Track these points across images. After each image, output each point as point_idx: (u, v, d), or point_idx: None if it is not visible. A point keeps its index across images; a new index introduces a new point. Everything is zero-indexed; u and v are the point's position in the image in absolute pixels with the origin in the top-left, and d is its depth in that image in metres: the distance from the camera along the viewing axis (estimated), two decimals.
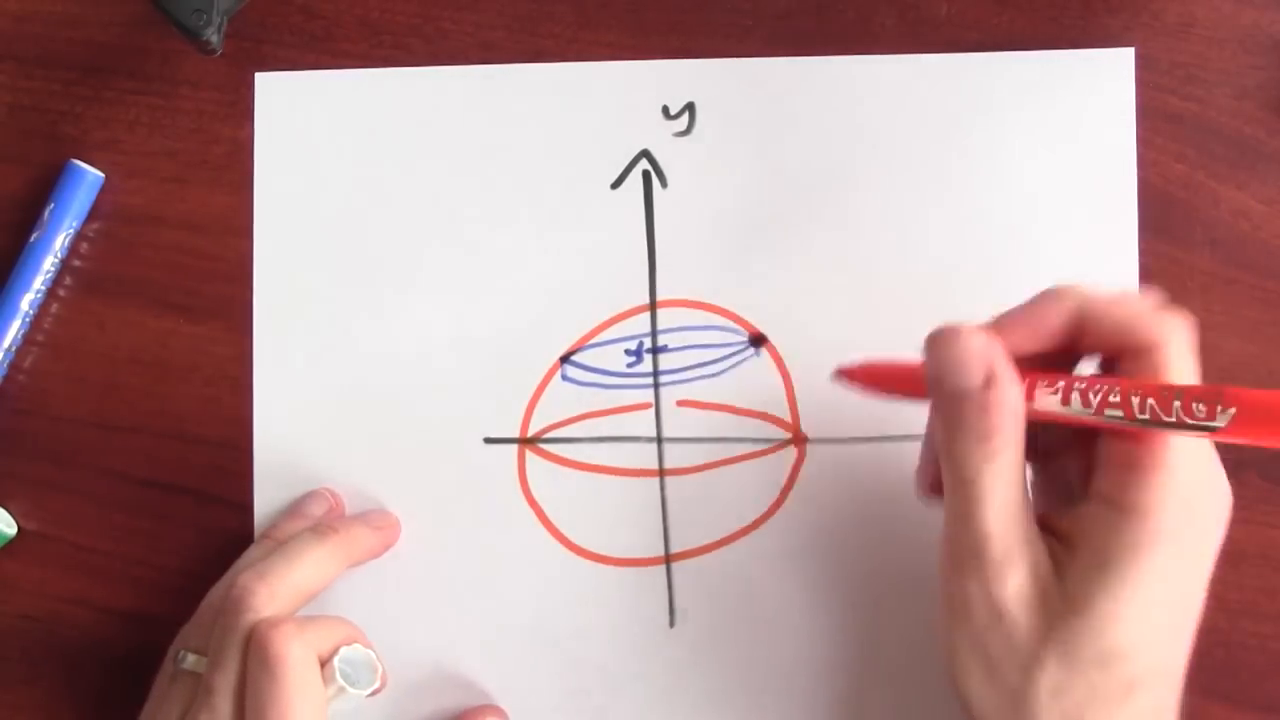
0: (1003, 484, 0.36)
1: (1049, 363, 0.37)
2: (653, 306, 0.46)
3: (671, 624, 0.46)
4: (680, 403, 0.46)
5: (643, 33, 0.46)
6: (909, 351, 0.45)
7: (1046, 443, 0.40)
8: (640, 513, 0.46)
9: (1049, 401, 0.37)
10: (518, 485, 0.46)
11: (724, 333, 0.46)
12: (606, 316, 0.46)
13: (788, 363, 0.46)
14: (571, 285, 0.46)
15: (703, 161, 0.46)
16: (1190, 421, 0.34)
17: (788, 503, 0.45)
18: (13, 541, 0.47)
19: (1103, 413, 0.35)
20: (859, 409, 0.45)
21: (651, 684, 0.45)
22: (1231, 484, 0.44)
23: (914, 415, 0.45)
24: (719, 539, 0.46)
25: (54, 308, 0.47)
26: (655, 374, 0.46)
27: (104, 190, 0.47)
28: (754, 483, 0.46)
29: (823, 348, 0.45)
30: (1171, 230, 0.45)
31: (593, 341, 0.46)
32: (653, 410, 0.46)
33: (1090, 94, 0.45)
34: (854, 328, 0.45)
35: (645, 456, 0.46)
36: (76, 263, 0.47)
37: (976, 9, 0.46)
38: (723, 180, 0.46)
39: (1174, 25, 0.45)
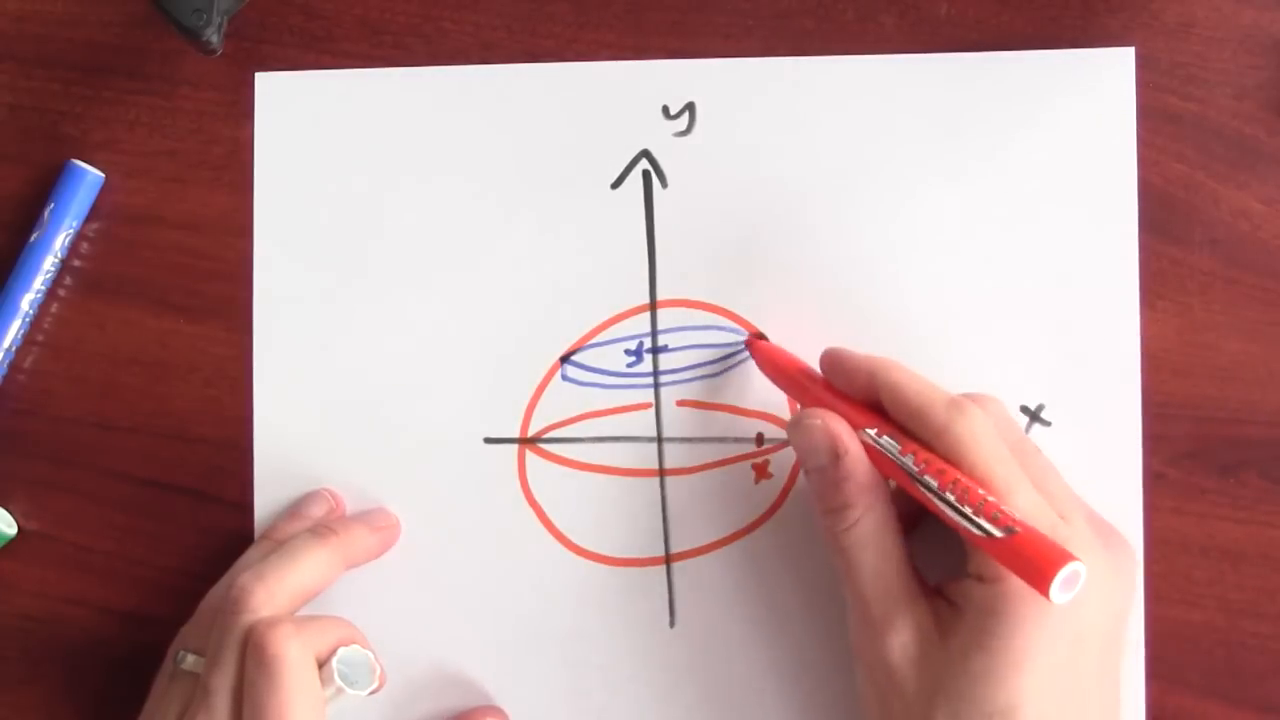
0: (870, 552, 0.39)
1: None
2: (653, 306, 0.46)
3: (671, 624, 0.46)
4: (680, 403, 0.46)
5: (643, 33, 0.46)
6: (907, 349, 0.45)
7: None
8: (640, 513, 0.46)
9: (887, 452, 0.39)
10: (518, 485, 0.46)
11: (724, 333, 0.46)
12: (606, 316, 0.46)
13: None
14: (571, 285, 0.46)
15: (703, 161, 0.46)
16: (983, 535, 0.36)
17: (788, 503, 0.45)
18: (13, 541, 0.47)
19: (923, 478, 0.38)
20: None
21: (651, 684, 0.45)
22: (1231, 484, 0.45)
23: None
24: (719, 539, 0.46)
25: (54, 308, 0.47)
26: (655, 374, 0.46)
27: (104, 190, 0.47)
28: (754, 483, 0.46)
29: (822, 347, 0.45)
30: (1171, 230, 0.45)
31: (593, 341, 0.46)
32: (653, 410, 0.46)
33: (1090, 94, 0.45)
34: (854, 327, 0.45)
35: (645, 456, 0.46)
36: (76, 263, 0.47)
37: (976, 9, 0.46)
38: (723, 180, 0.46)
39: (1174, 25, 0.45)
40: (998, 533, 0.35)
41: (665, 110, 0.46)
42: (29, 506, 0.47)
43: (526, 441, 0.46)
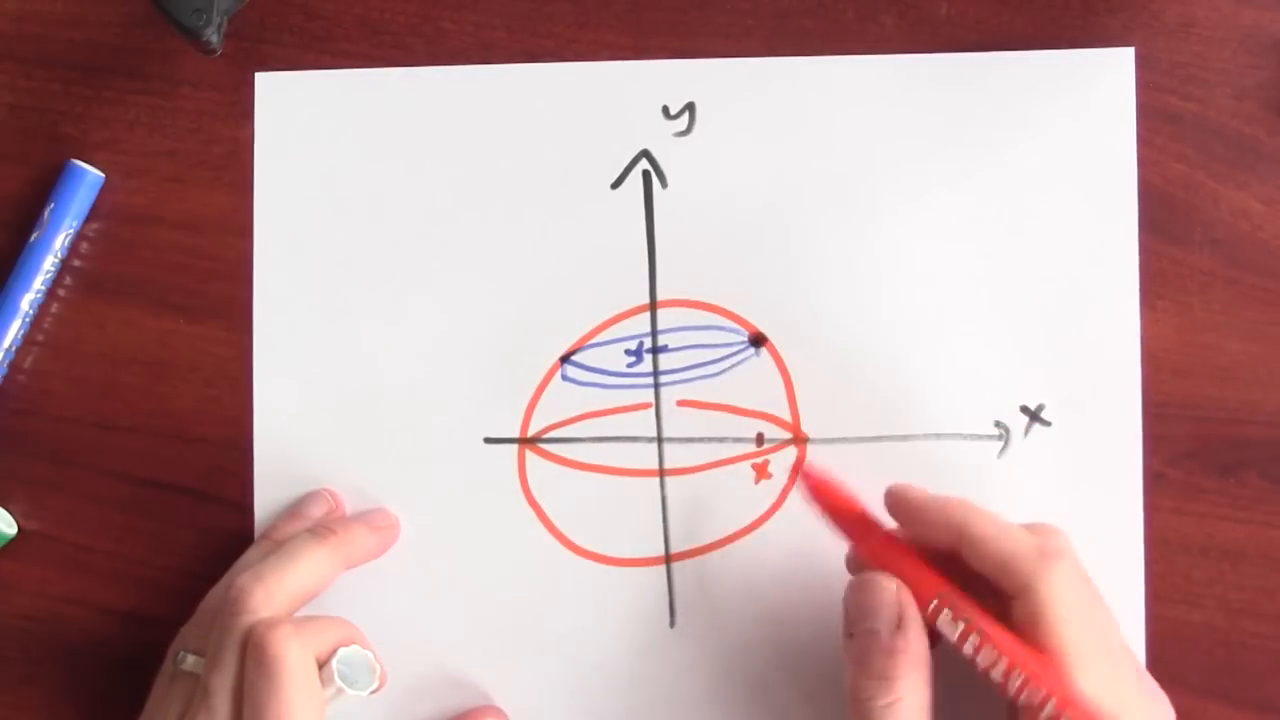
0: None
1: None
2: (653, 306, 0.46)
3: (671, 624, 0.46)
4: (680, 403, 0.46)
5: (643, 33, 0.46)
6: (906, 349, 0.45)
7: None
8: (640, 513, 0.46)
9: (947, 631, 0.38)
10: (518, 485, 0.46)
11: (724, 333, 0.46)
12: (606, 316, 0.46)
13: (788, 363, 0.46)
14: (571, 285, 0.46)
15: (703, 161, 0.46)
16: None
17: (788, 503, 0.45)
18: (13, 541, 0.47)
19: (989, 672, 0.37)
20: (859, 409, 0.45)
21: (651, 684, 0.45)
22: (1231, 484, 0.45)
23: (914, 415, 0.45)
24: (719, 539, 0.46)
25: (54, 308, 0.47)
26: (655, 374, 0.46)
27: (104, 190, 0.47)
28: (754, 483, 0.46)
29: (823, 348, 0.46)
30: (1171, 230, 0.45)
31: (593, 341, 0.46)
32: (653, 410, 0.46)
33: (1090, 94, 0.45)
34: (854, 328, 0.45)
35: (645, 456, 0.46)
36: (76, 263, 0.47)
37: (976, 9, 0.46)
38: (723, 180, 0.46)
39: (1174, 25, 0.45)
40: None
41: (665, 110, 0.46)
42: (29, 506, 0.47)
43: (526, 441, 0.46)
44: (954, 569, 0.39)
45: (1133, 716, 0.36)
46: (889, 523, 0.41)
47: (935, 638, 0.39)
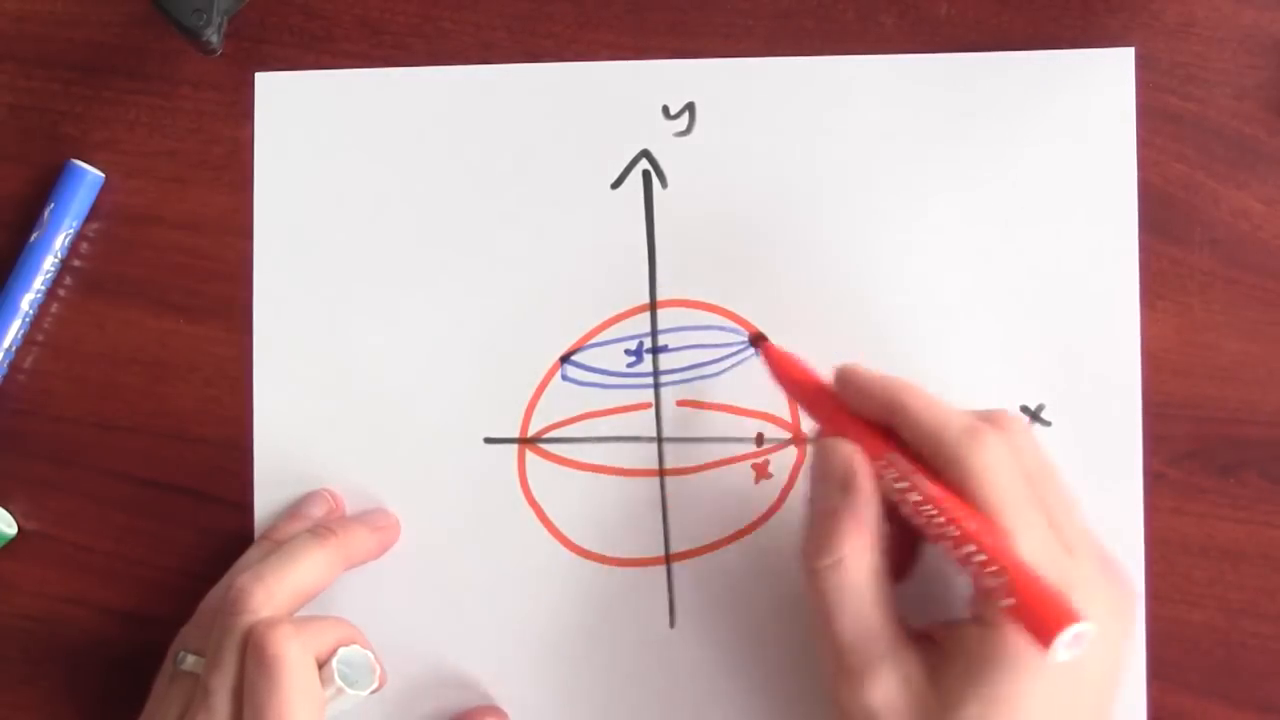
0: (855, 595, 0.37)
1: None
2: (653, 306, 0.46)
3: (671, 624, 0.46)
4: (680, 403, 0.46)
5: (643, 33, 0.46)
6: (906, 349, 0.45)
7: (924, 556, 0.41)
8: (640, 513, 0.46)
9: (891, 493, 0.38)
10: (518, 485, 0.46)
11: (724, 333, 0.46)
12: (606, 316, 0.46)
13: None
14: (572, 285, 0.46)
15: (703, 161, 0.46)
16: (986, 584, 0.35)
17: (788, 503, 0.45)
18: (13, 541, 0.47)
19: (928, 531, 0.37)
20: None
21: (651, 684, 0.45)
22: (1231, 484, 0.45)
23: None
24: (719, 539, 0.46)
25: (54, 308, 0.47)
26: (655, 374, 0.46)
27: (104, 190, 0.47)
28: (754, 483, 0.46)
29: (823, 348, 0.45)
30: (1171, 230, 0.45)
31: (593, 341, 0.46)
32: (653, 410, 0.46)
33: (1090, 94, 0.45)
34: (854, 327, 0.45)
35: (645, 456, 0.46)
36: (76, 263, 0.47)
37: (976, 9, 0.46)
38: (723, 180, 0.46)
39: (1174, 25, 0.45)
40: (999, 585, 0.34)
41: (665, 110, 0.46)
42: (29, 506, 0.47)
43: (526, 441, 0.46)
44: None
45: (1083, 593, 0.35)
46: None
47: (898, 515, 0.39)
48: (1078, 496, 0.39)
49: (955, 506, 0.36)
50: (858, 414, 0.40)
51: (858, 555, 0.37)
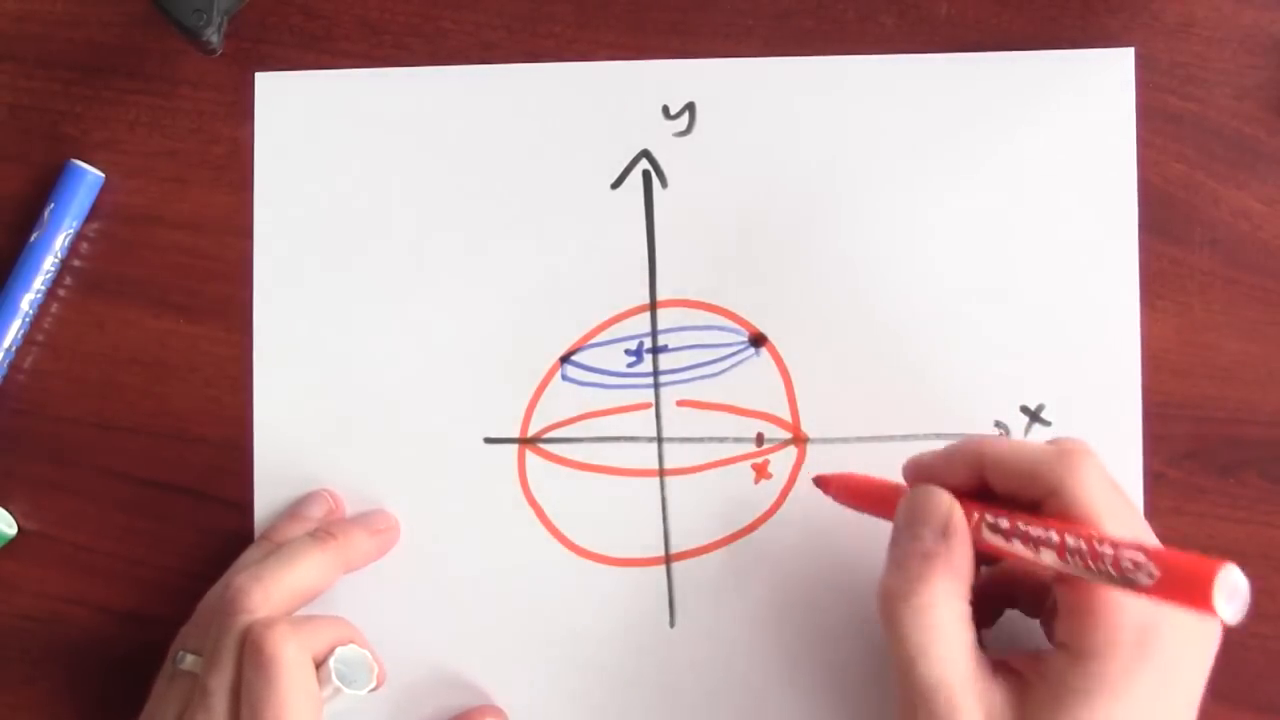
0: (940, 639, 0.37)
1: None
2: (653, 306, 0.46)
3: (671, 624, 0.46)
4: (680, 403, 0.46)
5: (643, 33, 0.46)
6: (906, 349, 0.45)
7: (1009, 588, 0.41)
8: (640, 513, 0.46)
9: (992, 538, 0.37)
10: (518, 485, 0.46)
11: (724, 333, 0.46)
12: (606, 316, 0.46)
13: (788, 363, 0.46)
14: (571, 285, 0.46)
15: (703, 161, 0.46)
16: (1115, 575, 0.34)
17: (788, 503, 0.45)
18: (13, 541, 0.47)
19: (1039, 554, 0.36)
20: (859, 409, 0.45)
21: (651, 684, 0.45)
22: (1231, 484, 0.45)
23: (914, 415, 0.45)
24: (719, 539, 0.46)
25: (54, 308, 0.47)
26: (655, 374, 0.46)
27: (104, 190, 0.47)
28: (754, 483, 0.46)
29: (823, 348, 0.46)
30: (1171, 230, 0.45)
31: (593, 341, 0.46)
32: (653, 410, 0.46)
33: (1090, 94, 0.45)
34: (854, 328, 0.45)
35: (645, 456, 0.46)
36: (76, 263, 0.47)
37: (976, 9, 0.46)
38: (723, 180, 0.46)
39: (1174, 25, 0.45)
40: (1143, 576, 0.34)
41: (665, 110, 0.46)
42: (29, 506, 0.47)
43: (526, 441, 0.46)
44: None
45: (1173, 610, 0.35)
46: None
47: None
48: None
49: (1073, 524, 0.36)
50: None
51: (950, 599, 0.37)
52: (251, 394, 0.46)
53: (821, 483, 0.44)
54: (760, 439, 0.46)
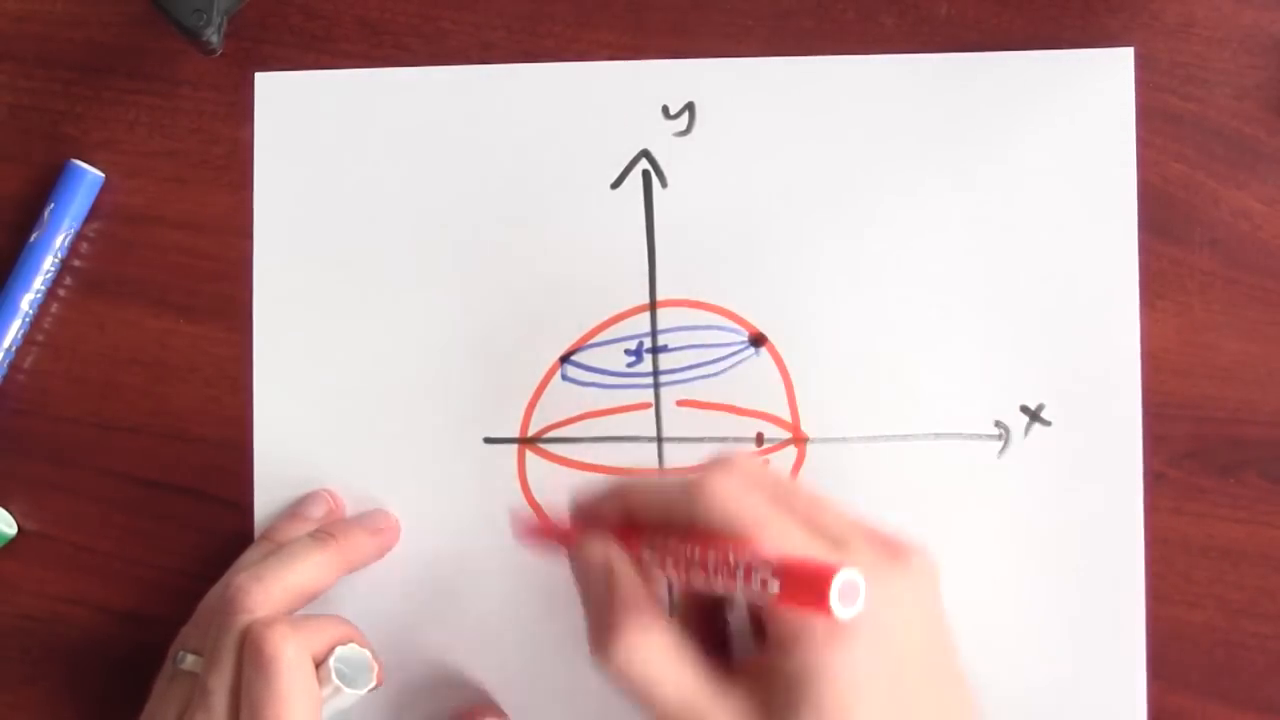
0: (656, 668, 0.36)
1: None
2: (653, 306, 0.46)
3: None
4: (680, 403, 0.46)
5: (643, 33, 0.46)
6: (906, 349, 0.45)
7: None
8: None
9: (656, 569, 0.37)
10: (518, 485, 0.46)
11: (724, 333, 0.46)
12: (606, 316, 0.46)
13: (788, 363, 0.46)
14: (571, 285, 0.46)
15: (703, 161, 0.46)
16: (755, 589, 0.34)
17: None
18: (13, 541, 0.47)
19: (690, 576, 0.36)
20: (859, 409, 0.45)
21: None
22: (1231, 484, 0.45)
23: (914, 415, 0.45)
24: None
25: (54, 308, 0.47)
26: (655, 374, 0.46)
27: (104, 190, 0.47)
28: None
29: (823, 348, 0.46)
30: (1171, 230, 0.45)
31: (593, 341, 0.46)
32: (653, 410, 0.46)
33: (1090, 94, 0.45)
34: (854, 328, 0.45)
35: (645, 456, 0.46)
36: (76, 263, 0.47)
37: (976, 9, 0.46)
38: (723, 180, 0.46)
39: (1174, 25, 0.45)
40: (768, 582, 0.33)
41: (665, 110, 0.46)
42: (29, 506, 0.47)
43: (526, 441, 0.46)
44: None
45: (855, 565, 0.34)
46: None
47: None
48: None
49: (709, 543, 0.36)
50: (605, 527, 0.39)
51: (645, 633, 0.37)
52: (251, 394, 0.46)
53: (515, 523, 0.45)
54: (760, 439, 0.46)
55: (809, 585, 0.33)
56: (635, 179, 0.46)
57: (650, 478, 0.39)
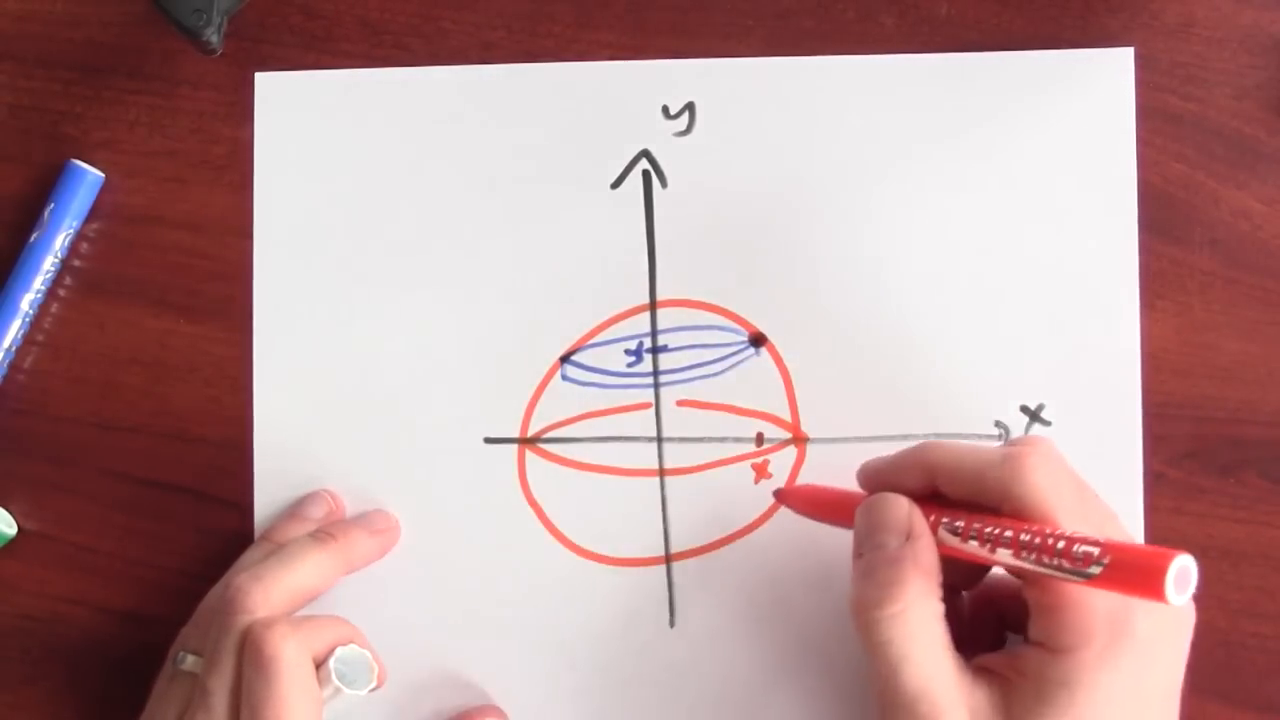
0: (919, 643, 0.37)
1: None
2: (653, 306, 0.46)
3: (671, 624, 0.46)
4: (680, 403, 0.46)
5: (643, 33, 0.46)
6: (906, 349, 0.45)
7: (978, 588, 0.41)
8: (640, 513, 0.46)
9: (950, 539, 0.38)
10: (518, 485, 0.46)
11: (724, 333, 0.46)
12: (606, 316, 0.46)
13: (788, 363, 0.46)
14: (571, 285, 0.46)
15: (703, 161, 0.46)
16: (1068, 567, 0.34)
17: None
18: (13, 541, 0.47)
19: (995, 553, 0.36)
20: (859, 409, 0.45)
21: (651, 684, 0.45)
22: (1231, 484, 0.45)
23: (914, 415, 0.45)
24: (719, 539, 0.46)
25: (54, 308, 0.47)
26: (655, 374, 0.46)
27: (104, 190, 0.47)
28: (754, 483, 0.46)
29: (823, 348, 0.46)
30: (1171, 230, 0.45)
31: (593, 341, 0.46)
32: (653, 410, 0.46)
33: (1090, 94, 0.45)
34: (854, 328, 0.45)
35: (645, 456, 0.46)
36: (76, 263, 0.47)
37: (976, 9, 0.46)
38: (723, 180, 0.46)
39: (1174, 25, 0.45)
40: (1094, 566, 0.33)
41: (665, 110, 0.46)
42: (29, 506, 0.47)
43: (526, 441, 0.46)
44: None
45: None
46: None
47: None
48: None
49: (1024, 520, 0.36)
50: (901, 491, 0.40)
51: (924, 600, 0.37)
52: (251, 394, 0.46)
53: (781, 496, 0.44)
54: (760, 439, 0.46)
55: (1143, 568, 0.33)
56: (635, 179, 0.46)
57: (957, 444, 0.39)
